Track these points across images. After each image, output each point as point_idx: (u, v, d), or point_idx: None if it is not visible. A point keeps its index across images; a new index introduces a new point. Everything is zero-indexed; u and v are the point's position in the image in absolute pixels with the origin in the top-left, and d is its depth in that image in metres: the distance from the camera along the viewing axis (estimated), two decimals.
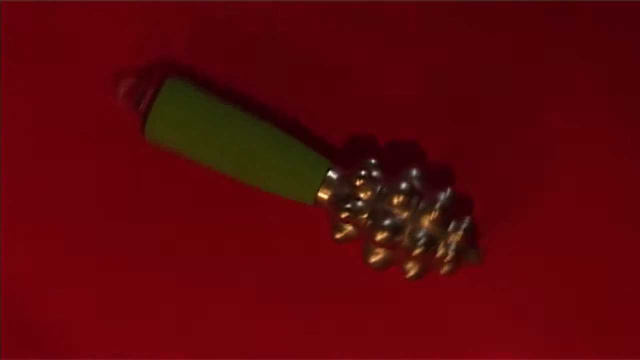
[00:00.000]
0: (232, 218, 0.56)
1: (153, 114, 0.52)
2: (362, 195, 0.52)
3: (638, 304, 0.55)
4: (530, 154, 0.56)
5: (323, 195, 0.53)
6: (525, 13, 0.56)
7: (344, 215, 0.52)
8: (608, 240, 0.56)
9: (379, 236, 0.51)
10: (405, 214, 0.52)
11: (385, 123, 0.56)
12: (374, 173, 0.52)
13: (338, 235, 0.53)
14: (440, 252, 0.52)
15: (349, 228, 0.53)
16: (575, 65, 0.56)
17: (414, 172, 0.53)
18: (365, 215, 0.52)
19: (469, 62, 0.56)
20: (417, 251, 0.51)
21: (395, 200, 0.51)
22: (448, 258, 0.52)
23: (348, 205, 0.52)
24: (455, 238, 0.52)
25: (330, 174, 0.53)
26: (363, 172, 0.52)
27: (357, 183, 0.52)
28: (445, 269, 0.52)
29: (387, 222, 0.51)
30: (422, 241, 0.51)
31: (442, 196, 0.52)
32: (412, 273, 0.53)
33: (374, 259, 0.53)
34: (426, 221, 0.51)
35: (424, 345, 0.55)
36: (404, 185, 0.51)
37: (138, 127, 0.53)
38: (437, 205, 0.51)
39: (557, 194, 0.56)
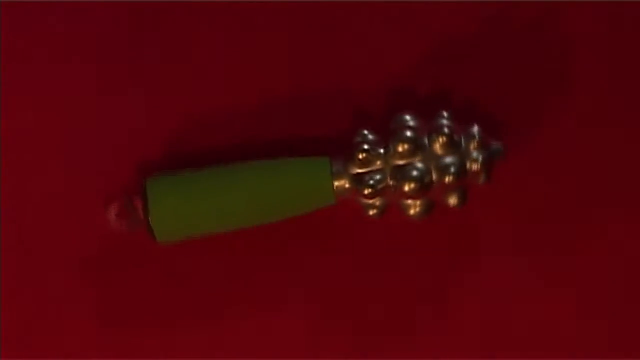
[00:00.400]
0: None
1: (154, 216, 0.52)
2: (372, 166, 0.52)
3: None
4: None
5: (340, 186, 0.53)
6: None
7: (367, 192, 0.52)
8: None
9: (408, 189, 0.52)
10: (419, 156, 0.52)
11: (361, 88, 0.56)
12: (370, 138, 0.53)
13: (372, 212, 0.54)
14: (470, 167, 0.52)
15: (379, 200, 0.53)
16: None
17: (407, 116, 0.53)
18: (386, 181, 0.52)
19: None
20: (449, 179, 0.52)
21: (402, 149, 0.52)
22: (478, 167, 0.52)
23: (370, 181, 0.52)
24: (474, 146, 0.52)
25: (334, 165, 0.53)
26: (365, 146, 0.52)
27: (361, 157, 0.52)
28: (481, 178, 0.53)
29: (408, 173, 0.52)
30: (451, 169, 0.52)
31: (443, 120, 0.53)
32: (454, 201, 0.53)
33: (414, 211, 0.53)
34: (440, 149, 0.52)
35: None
36: (404, 134, 0.52)
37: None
38: (444, 131, 0.52)
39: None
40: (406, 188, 0.52)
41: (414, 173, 0.52)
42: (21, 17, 0.56)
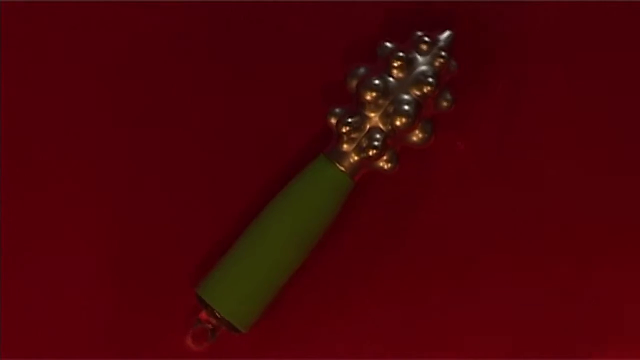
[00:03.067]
0: None
1: (227, 314, 0.52)
2: (361, 131, 0.52)
3: None
4: None
5: (348, 167, 0.52)
6: None
7: (372, 153, 0.52)
8: None
9: (403, 122, 0.52)
10: (393, 92, 0.52)
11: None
12: (341, 110, 0.53)
13: (388, 167, 0.53)
14: (438, 63, 0.53)
15: (387, 152, 0.53)
16: None
17: (359, 69, 0.53)
18: (382, 133, 0.52)
19: None
20: (430, 88, 0.52)
21: (372, 97, 0.52)
22: (444, 59, 0.53)
23: (369, 143, 0.52)
24: (427, 47, 0.53)
25: (330, 155, 0.53)
26: (343, 120, 0.52)
27: (345, 131, 0.52)
28: (452, 66, 0.53)
29: (396, 111, 0.52)
30: (426, 79, 0.52)
31: (387, 48, 0.53)
32: (445, 104, 0.53)
33: (417, 137, 0.53)
34: (402, 72, 0.52)
35: None
36: (367, 84, 0.52)
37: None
38: (396, 54, 0.52)
39: None
40: (402, 123, 0.52)
41: (402, 108, 0.51)
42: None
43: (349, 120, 0.52)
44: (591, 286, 0.55)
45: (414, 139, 0.53)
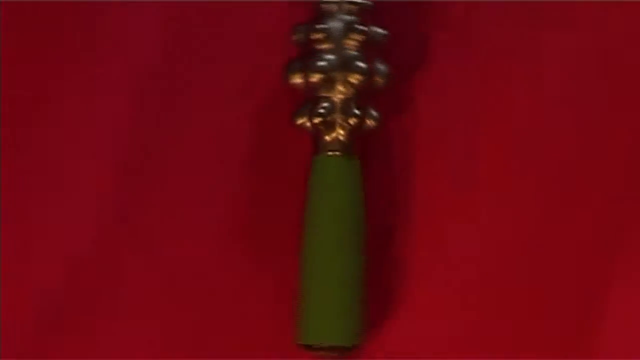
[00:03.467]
0: None
1: (338, 339, 0.52)
2: (334, 113, 0.52)
3: None
4: None
5: (342, 147, 0.52)
6: None
7: (354, 122, 0.52)
8: None
9: (358, 80, 0.52)
10: (337, 65, 0.52)
11: None
12: (303, 108, 0.53)
13: (374, 123, 0.53)
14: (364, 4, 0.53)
15: (366, 113, 0.53)
16: None
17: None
18: (352, 100, 0.52)
19: None
20: (362, 36, 0.52)
21: (320, 78, 0.52)
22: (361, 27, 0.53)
23: (346, 115, 0.52)
24: (341, 8, 0.53)
25: (319, 152, 0.53)
26: (319, 111, 0.52)
27: (318, 122, 0.52)
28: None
29: (352, 67, 0.52)
30: (355, 30, 0.52)
31: (301, 33, 0.53)
32: (381, 38, 0.53)
33: (380, 83, 0.53)
34: (329, 42, 0.52)
35: None
36: (313, 66, 0.52)
37: None
38: (314, 28, 0.52)
39: None
40: (357, 81, 0.52)
41: (352, 66, 0.52)
42: None
43: (319, 111, 0.52)
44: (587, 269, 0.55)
45: (379, 84, 0.53)
